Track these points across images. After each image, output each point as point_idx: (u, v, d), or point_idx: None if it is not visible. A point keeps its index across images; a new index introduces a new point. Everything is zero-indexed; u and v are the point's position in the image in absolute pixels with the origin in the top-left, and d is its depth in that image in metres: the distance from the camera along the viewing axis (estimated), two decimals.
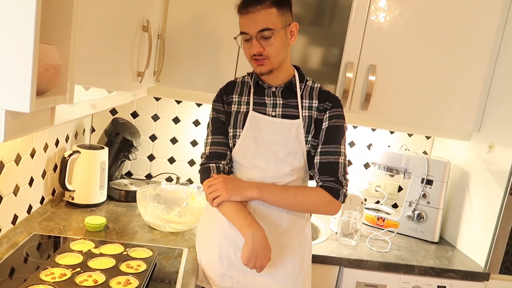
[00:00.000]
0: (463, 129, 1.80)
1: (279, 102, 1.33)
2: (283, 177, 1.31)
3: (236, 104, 1.35)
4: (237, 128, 1.33)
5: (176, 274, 1.22)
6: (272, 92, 1.33)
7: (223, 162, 1.33)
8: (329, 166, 1.29)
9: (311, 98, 1.33)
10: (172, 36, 1.68)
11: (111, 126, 1.86)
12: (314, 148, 1.32)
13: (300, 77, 1.35)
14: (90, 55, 0.83)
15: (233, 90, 1.37)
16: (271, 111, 1.32)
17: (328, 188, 1.28)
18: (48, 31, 0.69)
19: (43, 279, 1.04)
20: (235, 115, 1.34)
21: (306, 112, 1.32)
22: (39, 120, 0.70)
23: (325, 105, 1.32)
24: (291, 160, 1.30)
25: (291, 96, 1.33)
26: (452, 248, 1.83)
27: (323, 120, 1.31)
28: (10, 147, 1.27)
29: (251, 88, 1.35)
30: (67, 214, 1.57)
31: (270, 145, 1.30)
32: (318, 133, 1.31)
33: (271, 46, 1.23)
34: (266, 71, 1.27)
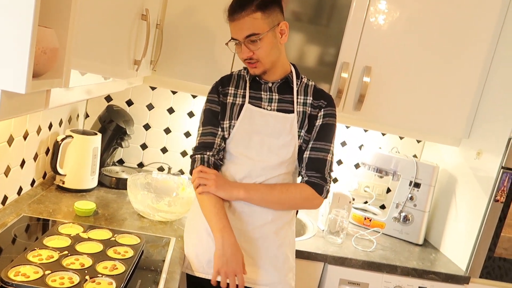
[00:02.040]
0: (453, 134, 1.83)
1: (275, 97, 1.35)
2: (272, 169, 1.33)
3: (231, 96, 1.37)
4: (232, 120, 1.35)
5: (163, 262, 1.24)
6: (268, 87, 1.36)
7: (208, 153, 1.34)
8: (317, 162, 1.33)
9: (306, 95, 1.36)
10: (170, 26, 1.68)
11: (106, 112, 1.87)
12: (306, 143, 1.35)
13: (296, 74, 1.38)
14: (87, 41, 0.84)
15: (229, 83, 1.39)
16: (267, 105, 1.35)
17: (312, 183, 1.32)
18: (47, 14, 0.70)
19: (30, 260, 1.05)
20: (231, 106, 1.36)
21: (301, 107, 1.35)
22: (34, 102, 0.71)
23: (320, 103, 1.35)
24: (283, 153, 1.33)
25: (286, 92, 1.36)
26: (436, 250, 1.86)
27: (317, 117, 1.35)
28: (3, 128, 1.28)
29: (247, 83, 1.37)
30: (57, 198, 1.57)
31: (263, 137, 1.33)
32: (311, 128, 1.35)
33: (259, 49, 1.26)
34: (259, 73, 1.31)
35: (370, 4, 1.69)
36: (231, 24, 1.28)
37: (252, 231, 1.33)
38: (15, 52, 0.57)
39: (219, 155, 1.36)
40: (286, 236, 1.37)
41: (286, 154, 1.33)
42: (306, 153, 1.35)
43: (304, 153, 1.35)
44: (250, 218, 1.33)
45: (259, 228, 1.33)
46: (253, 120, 1.34)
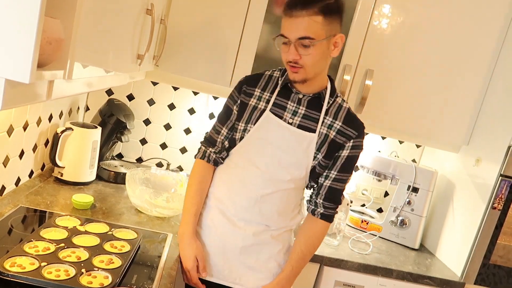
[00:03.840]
0: (453, 141, 1.83)
1: (301, 111, 1.27)
2: (280, 183, 1.28)
3: (255, 99, 1.29)
4: (248, 123, 1.28)
5: (159, 258, 1.24)
6: (298, 99, 1.27)
7: (210, 149, 1.34)
8: (336, 192, 1.31)
9: (335, 118, 1.27)
10: (174, 22, 1.68)
11: (106, 106, 1.86)
12: (321, 167, 1.28)
13: (331, 91, 1.28)
14: (92, 33, 0.84)
15: (257, 83, 1.31)
16: (289, 117, 1.26)
17: (327, 217, 1.32)
18: (53, 4, 0.69)
19: (26, 251, 1.04)
20: (252, 109, 1.29)
21: (325, 129, 1.26)
22: (37, 92, 0.71)
23: (350, 132, 1.27)
24: (292, 170, 1.27)
25: (315, 108, 1.27)
26: (431, 256, 1.86)
27: (343, 146, 1.27)
28: (3, 118, 1.27)
29: (277, 87, 1.29)
30: (55, 190, 1.57)
31: (276, 150, 1.26)
32: (330, 154, 1.27)
33: (309, 56, 1.16)
34: (299, 80, 1.21)
35: (375, 8, 1.69)
36: (286, 20, 1.17)
37: (251, 238, 1.30)
38: (20, 42, 0.57)
39: (222, 154, 1.34)
40: (287, 240, 1.36)
41: (297, 173, 1.27)
42: (326, 181, 1.30)
43: (322, 180, 1.30)
44: (249, 226, 1.30)
45: (258, 234, 1.31)
46: (269, 130, 1.26)
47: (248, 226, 1.30)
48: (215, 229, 1.32)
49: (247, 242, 1.30)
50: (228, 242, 1.31)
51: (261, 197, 1.27)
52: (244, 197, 1.29)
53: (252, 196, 1.28)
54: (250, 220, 1.29)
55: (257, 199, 1.28)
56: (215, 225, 1.33)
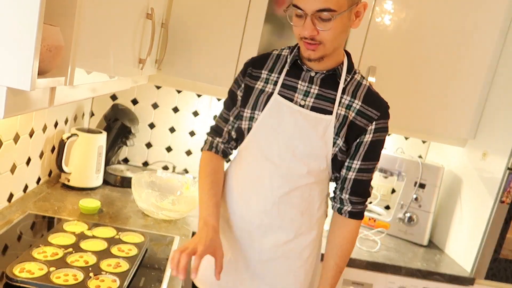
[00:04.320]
0: (458, 135, 1.82)
1: (314, 90, 1.09)
2: (297, 178, 1.12)
3: (262, 81, 1.14)
4: (255, 110, 1.12)
5: (166, 261, 1.24)
6: (310, 77, 1.10)
7: (218, 139, 1.23)
8: (363, 184, 1.15)
9: (354, 96, 1.10)
10: (175, 25, 1.69)
11: (111, 111, 1.88)
12: (342, 153, 1.11)
13: (348, 67, 1.11)
14: (92, 39, 0.85)
15: (264, 64, 1.16)
16: (300, 99, 1.10)
17: (356, 214, 1.17)
18: (52, 12, 0.70)
19: (35, 256, 1.05)
20: (258, 93, 1.13)
21: (343, 110, 1.09)
22: (39, 99, 0.72)
23: (371, 113, 1.10)
24: (310, 161, 1.10)
25: (330, 87, 1.10)
26: (440, 252, 1.85)
27: (365, 130, 1.10)
28: (9, 125, 1.28)
29: (286, 66, 1.13)
30: (62, 196, 1.58)
31: (289, 139, 1.10)
32: (350, 139, 1.11)
33: (328, 31, 0.98)
34: (316, 58, 1.03)
35: (376, 4, 1.68)
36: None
37: (269, 251, 1.15)
38: (20, 50, 0.58)
39: (230, 144, 1.22)
40: (311, 255, 1.20)
41: (316, 165, 1.11)
42: (350, 173, 1.14)
43: (345, 172, 1.14)
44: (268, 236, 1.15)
45: (278, 247, 1.15)
46: (279, 116, 1.10)
47: (266, 237, 1.15)
48: (227, 244, 1.18)
49: (264, 256, 1.16)
50: (241, 256, 1.17)
51: (279, 198, 1.12)
52: (260, 198, 1.14)
53: (269, 197, 1.13)
54: (270, 225, 1.14)
55: (275, 201, 1.12)
56: (226, 239, 1.19)
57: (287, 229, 1.15)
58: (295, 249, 1.17)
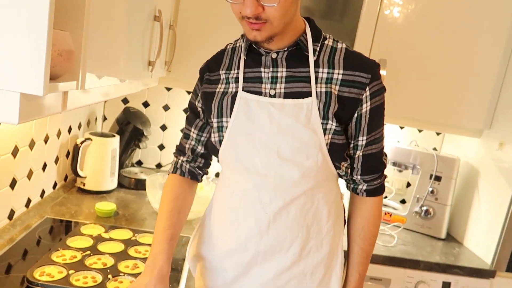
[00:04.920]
0: (474, 126, 1.79)
1: (281, 74, 0.92)
2: (291, 187, 0.93)
3: (222, 83, 0.98)
4: (223, 117, 0.95)
5: (183, 261, 1.25)
6: (272, 60, 0.92)
7: (181, 158, 1.07)
8: (373, 158, 0.98)
9: (331, 66, 0.91)
10: (183, 27, 1.69)
11: (123, 115, 1.89)
12: (339, 137, 0.92)
13: (314, 35, 0.93)
14: (101, 43, 0.85)
15: (220, 64, 1.00)
16: (269, 88, 0.92)
17: (374, 191, 1.01)
18: (61, 17, 0.71)
19: (54, 260, 1.07)
20: (221, 98, 0.96)
21: (323, 86, 0.90)
22: (52, 104, 0.73)
23: (361, 78, 0.90)
24: (302, 159, 0.91)
25: (300, 64, 0.92)
26: (459, 245, 1.82)
27: (359, 101, 0.91)
28: (24, 132, 1.31)
29: (242, 57, 0.96)
30: (79, 200, 1.60)
31: (268, 139, 0.92)
32: (344, 117, 0.92)
33: (276, 6, 0.81)
34: (263, 39, 0.86)
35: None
36: None
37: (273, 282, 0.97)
38: (32, 55, 0.58)
39: (197, 162, 1.06)
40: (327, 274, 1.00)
41: (310, 162, 0.91)
42: (358, 152, 0.96)
43: (351, 152, 0.97)
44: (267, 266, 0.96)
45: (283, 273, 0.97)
46: (251, 115, 0.93)
47: (265, 266, 0.96)
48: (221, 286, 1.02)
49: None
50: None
51: (274, 215, 0.93)
52: (250, 220, 0.95)
53: (262, 217, 0.94)
54: (269, 251, 0.95)
55: (270, 220, 0.93)
56: (219, 279, 1.02)
57: (290, 251, 0.95)
58: (305, 270, 0.97)
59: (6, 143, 1.21)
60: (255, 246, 0.95)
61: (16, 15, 0.57)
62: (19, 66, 0.59)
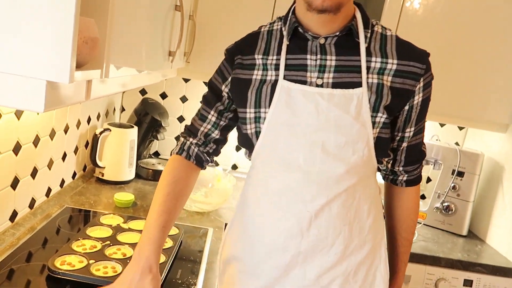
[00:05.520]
0: (498, 120, 1.73)
1: (331, 62, 0.85)
2: (335, 183, 0.87)
3: (259, 69, 0.90)
4: (260, 107, 0.88)
5: (201, 253, 1.24)
6: (320, 46, 0.86)
7: (191, 140, 0.98)
8: (416, 149, 0.97)
9: (384, 55, 0.86)
10: (203, 17, 1.67)
11: (141, 106, 1.89)
12: (386, 130, 0.88)
13: (364, 20, 0.87)
14: (124, 32, 0.84)
15: (255, 48, 0.91)
16: (315, 77, 0.85)
17: (413, 181, 1.01)
18: (87, 5, 0.70)
19: (74, 249, 1.07)
20: (259, 86, 0.89)
21: (374, 77, 0.85)
22: (77, 93, 0.72)
23: (416, 68, 0.86)
24: (348, 155, 0.86)
25: (350, 52, 0.86)
26: (481, 242, 1.78)
27: (412, 92, 0.87)
28: (46, 122, 1.31)
29: (284, 42, 0.89)
30: (97, 190, 1.61)
31: (313, 132, 0.86)
32: (394, 108, 0.87)
33: None
34: (331, 6, 0.79)
35: None
36: None
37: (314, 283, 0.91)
38: (58, 43, 0.57)
39: (208, 147, 0.98)
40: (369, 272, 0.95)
41: (356, 157, 0.86)
42: (403, 143, 0.94)
43: (396, 144, 0.94)
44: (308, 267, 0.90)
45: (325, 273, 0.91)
46: (294, 105, 0.86)
47: (307, 267, 0.90)
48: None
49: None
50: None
51: (316, 213, 0.87)
52: (291, 218, 0.89)
53: (303, 215, 0.88)
54: (310, 250, 0.89)
55: (311, 218, 0.88)
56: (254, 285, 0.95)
57: (332, 250, 0.90)
58: (348, 269, 0.92)
59: (28, 133, 1.21)
60: (295, 246, 0.89)
61: (42, 1, 0.56)
62: (45, 53, 0.58)
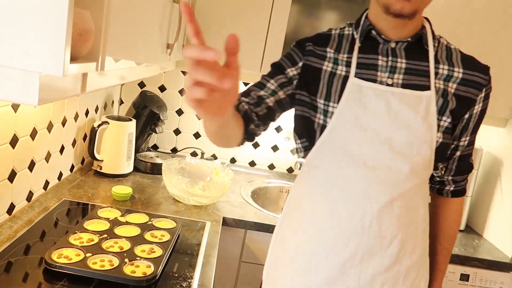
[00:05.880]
0: (498, 115, 1.73)
1: (401, 64, 0.90)
2: (399, 182, 0.88)
3: (330, 62, 0.92)
4: (330, 101, 0.91)
5: (199, 246, 1.24)
6: (391, 50, 0.91)
7: (243, 99, 0.90)
8: (467, 159, 1.01)
9: (451, 64, 0.92)
10: (201, 10, 1.66)
11: (139, 98, 1.88)
12: (448, 136, 0.91)
13: (431, 31, 0.94)
14: (121, 24, 0.83)
15: (327, 43, 0.95)
16: (386, 77, 0.89)
17: (460, 192, 1.03)
18: None
19: (72, 242, 1.07)
20: (329, 78, 0.91)
21: (441, 83, 0.90)
22: (72, 85, 0.71)
23: (480, 79, 0.92)
24: (412, 154, 0.88)
25: (419, 57, 0.91)
26: (479, 237, 1.78)
27: (474, 101, 0.92)
28: (43, 115, 1.30)
29: (356, 42, 0.93)
30: (95, 183, 1.61)
31: (383, 129, 0.87)
32: (456, 115, 0.91)
33: None
34: (410, 11, 0.83)
35: None
36: None
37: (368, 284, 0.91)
38: (52, 35, 0.57)
39: (258, 109, 0.90)
40: (417, 277, 0.96)
41: (420, 158, 0.88)
42: (457, 153, 0.97)
43: (450, 151, 0.97)
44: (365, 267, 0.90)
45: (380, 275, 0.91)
46: (363, 103, 0.88)
47: (364, 267, 0.90)
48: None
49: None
50: None
51: (379, 211, 0.87)
52: (353, 214, 0.89)
53: (366, 212, 0.88)
54: (369, 250, 0.89)
55: (373, 216, 0.87)
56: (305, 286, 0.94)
57: (388, 252, 0.90)
58: (399, 272, 0.92)
59: (25, 126, 1.21)
60: (356, 243, 0.89)
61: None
62: (39, 46, 0.57)
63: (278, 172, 2.11)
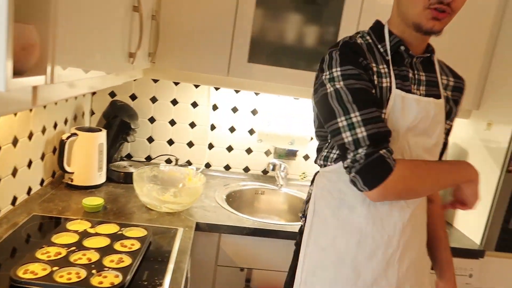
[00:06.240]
0: (462, 106, 1.77)
1: (422, 77, 1.01)
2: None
3: (375, 75, 0.96)
4: (381, 108, 0.96)
5: (170, 253, 1.25)
6: (412, 63, 1.01)
7: (385, 145, 0.91)
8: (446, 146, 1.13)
9: (446, 74, 1.08)
10: (167, 17, 1.66)
11: (109, 108, 1.88)
12: (446, 136, 1.09)
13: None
14: (73, 35, 0.83)
15: (364, 54, 0.96)
16: (416, 89, 1.00)
17: None
18: (25, 11, 0.69)
19: (38, 257, 1.06)
20: (379, 89, 0.97)
21: (444, 91, 1.05)
22: (21, 99, 0.71)
23: (461, 84, 1.09)
24: (435, 154, 1.02)
25: (430, 70, 1.04)
26: (449, 226, 1.83)
27: (458, 102, 1.09)
28: (6, 130, 1.29)
29: (386, 56, 0.99)
30: (67, 196, 1.59)
31: (416, 135, 0.97)
32: (452, 118, 1.09)
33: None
34: (439, 29, 0.93)
35: None
36: None
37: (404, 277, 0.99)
38: None
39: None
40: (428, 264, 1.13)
41: (435, 157, 1.03)
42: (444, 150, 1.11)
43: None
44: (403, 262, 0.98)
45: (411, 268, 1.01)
46: (403, 112, 0.95)
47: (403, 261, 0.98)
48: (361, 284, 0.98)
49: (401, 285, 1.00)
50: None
51: (413, 210, 0.98)
52: (395, 214, 0.96)
53: (404, 211, 0.96)
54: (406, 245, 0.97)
55: (410, 215, 0.98)
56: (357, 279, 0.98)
57: (418, 245, 1.01)
58: (425, 265, 1.07)
59: None
60: (396, 242, 0.96)
61: None
62: None
63: (253, 174, 2.12)
